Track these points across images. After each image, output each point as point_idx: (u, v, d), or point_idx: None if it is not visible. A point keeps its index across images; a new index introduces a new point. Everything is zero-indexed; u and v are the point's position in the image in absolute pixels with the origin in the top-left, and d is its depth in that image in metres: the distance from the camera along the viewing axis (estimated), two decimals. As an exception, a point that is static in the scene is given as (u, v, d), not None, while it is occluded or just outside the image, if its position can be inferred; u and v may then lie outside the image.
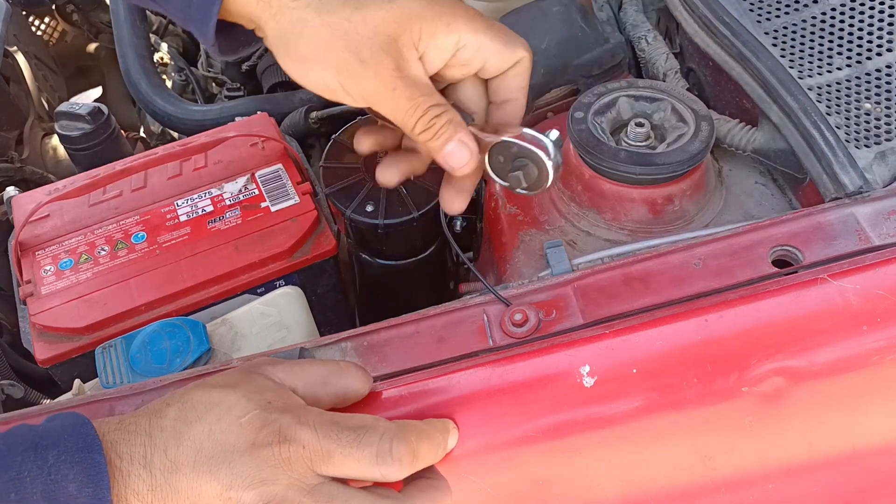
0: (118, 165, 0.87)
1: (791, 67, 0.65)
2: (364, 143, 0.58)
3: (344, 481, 0.46)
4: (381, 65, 0.49)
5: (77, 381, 0.66)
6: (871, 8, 0.69)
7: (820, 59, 0.66)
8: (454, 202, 0.57)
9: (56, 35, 1.51)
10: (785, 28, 0.69)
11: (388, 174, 0.57)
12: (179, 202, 0.84)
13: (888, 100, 0.63)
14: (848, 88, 0.64)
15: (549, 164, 0.51)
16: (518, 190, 0.53)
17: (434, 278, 0.94)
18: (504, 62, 0.53)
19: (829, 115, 0.62)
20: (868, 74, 0.65)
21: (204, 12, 0.52)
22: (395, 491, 0.48)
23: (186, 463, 0.45)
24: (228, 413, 0.46)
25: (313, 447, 0.45)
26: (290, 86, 1.18)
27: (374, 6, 0.50)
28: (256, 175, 0.86)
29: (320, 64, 0.50)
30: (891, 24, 0.67)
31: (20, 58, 1.30)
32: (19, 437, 0.42)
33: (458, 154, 0.52)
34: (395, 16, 0.50)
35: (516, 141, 0.51)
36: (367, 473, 0.46)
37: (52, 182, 0.93)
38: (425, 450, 0.48)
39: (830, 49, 0.67)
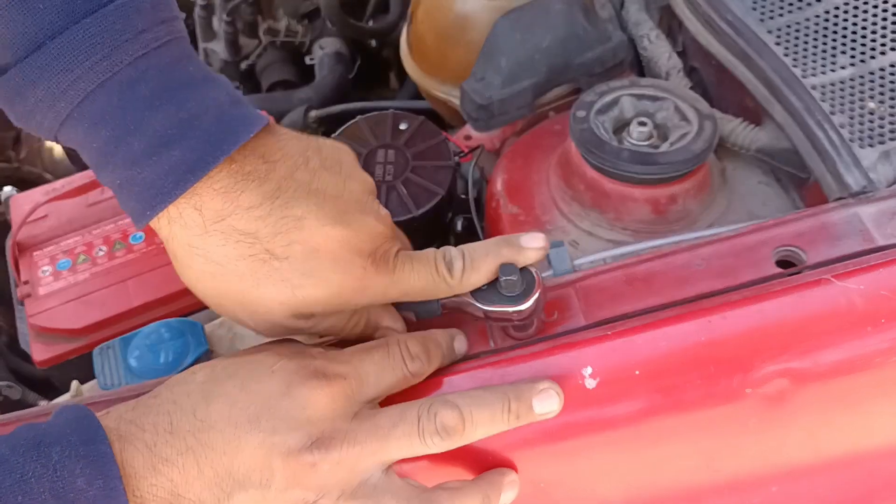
0: (117, 165, 0.86)
1: (794, 66, 0.65)
2: None
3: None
4: None
5: (75, 383, 0.66)
6: (875, 7, 0.68)
7: (823, 58, 0.66)
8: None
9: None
10: (788, 27, 0.68)
11: None
12: (178, 202, 0.83)
13: (892, 99, 0.63)
14: (852, 87, 0.64)
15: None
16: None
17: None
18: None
19: (832, 114, 0.62)
20: (872, 73, 0.65)
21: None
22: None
23: (220, 419, 0.44)
24: (260, 365, 0.46)
25: (352, 375, 0.46)
26: (289, 85, 1.17)
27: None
28: (256, 175, 0.85)
29: None
30: (895, 23, 0.67)
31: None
32: (21, 439, 0.41)
33: None
34: None
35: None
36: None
37: (50, 182, 0.92)
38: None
39: (834, 48, 0.67)
